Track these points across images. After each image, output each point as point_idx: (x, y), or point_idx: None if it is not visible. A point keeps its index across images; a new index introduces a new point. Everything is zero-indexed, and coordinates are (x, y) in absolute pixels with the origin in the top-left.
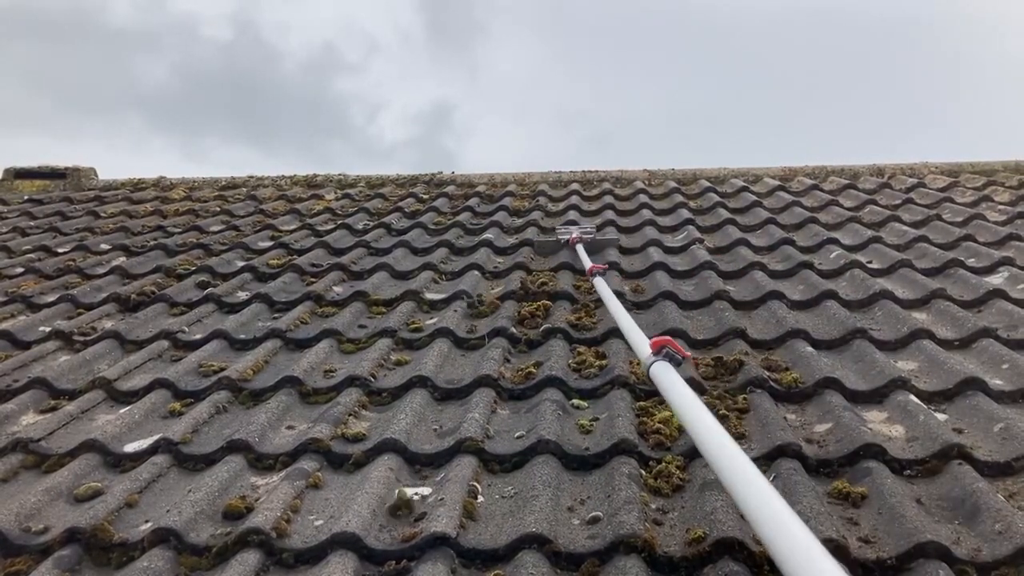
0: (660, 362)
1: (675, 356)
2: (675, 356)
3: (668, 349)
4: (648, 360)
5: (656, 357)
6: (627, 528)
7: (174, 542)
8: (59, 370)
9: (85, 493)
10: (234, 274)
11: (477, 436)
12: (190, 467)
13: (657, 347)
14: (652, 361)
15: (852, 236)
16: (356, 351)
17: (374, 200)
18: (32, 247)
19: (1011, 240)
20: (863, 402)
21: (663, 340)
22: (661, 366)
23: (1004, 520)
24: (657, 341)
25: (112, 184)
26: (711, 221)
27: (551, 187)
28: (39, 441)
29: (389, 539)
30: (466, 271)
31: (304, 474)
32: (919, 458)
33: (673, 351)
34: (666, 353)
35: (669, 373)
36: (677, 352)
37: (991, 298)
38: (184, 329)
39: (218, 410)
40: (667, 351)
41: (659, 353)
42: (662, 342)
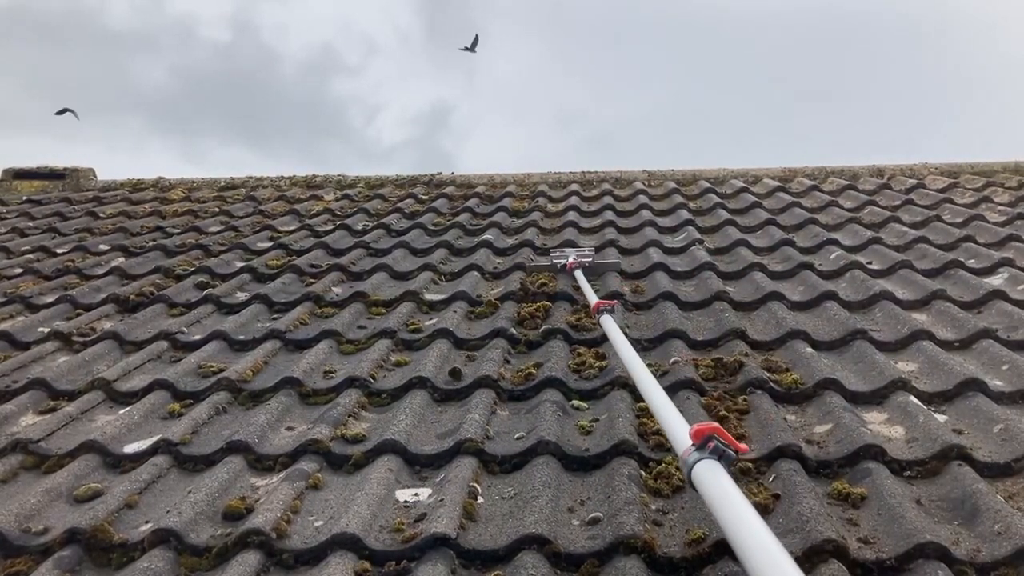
0: (706, 460)
1: (726, 450)
2: (726, 450)
3: (717, 440)
4: (689, 457)
5: (702, 454)
6: (627, 529)
7: (174, 543)
8: (58, 371)
9: (85, 494)
10: (233, 275)
11: (477, 437)
12: (190, 468)
13: (701, 437)
14: (696, 460)
15: (852, 237)
16: (356, 352)
17: (373, 201)
18: (31, 248)
19: (1011, 241)
20: (863, 403)
21: (707, 428)
22: (707, 466)
23: (1003, 521)
24: (701, 429)
25: (111, 185)
26: (711, 222)
27: (550, 188)
28: (39, 442)
29: (389, 540)
30: (466, 272)
31: (304, 475)
32: (919, 459)
33: (723, 443)
34: (715, 448)
35: (718, 477)
36: (728, 444)
37: (991, 299)
38: (183, 330)
39: (218, 411)
40: (716, 443)
41: (704, 447)
42: (708, 430)
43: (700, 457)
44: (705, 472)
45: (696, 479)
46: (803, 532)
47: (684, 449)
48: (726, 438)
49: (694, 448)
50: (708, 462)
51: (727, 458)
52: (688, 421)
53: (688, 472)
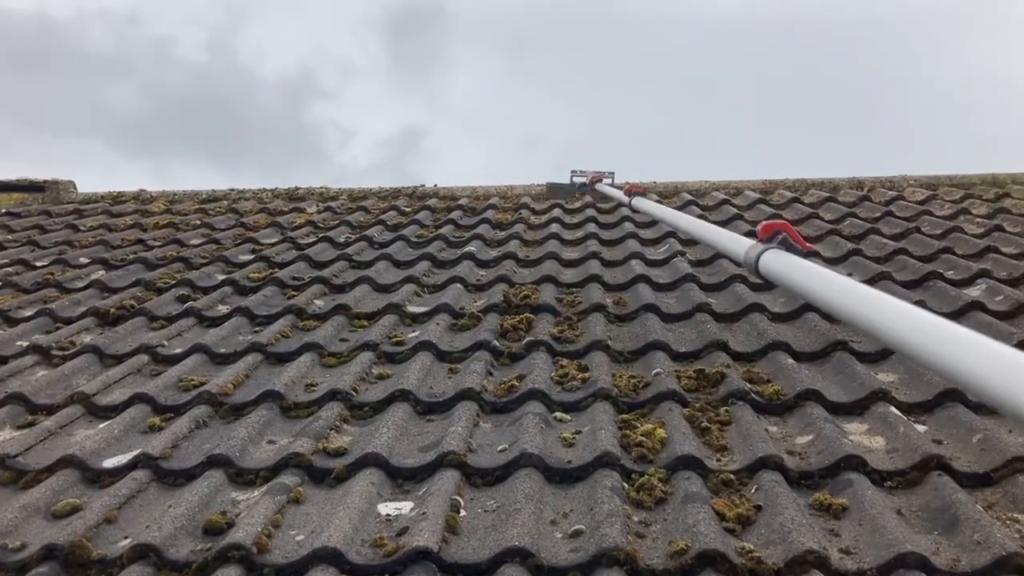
0: (773, 249)
1: (793, 244)
2: (793, 244)
3: (784, 235)
4: (754, 250)
5: (769, 244)
6: (610, 541)
7: (154, 558)
8: (37, 385)
9: (63, 509)
10: (214, 288)
11: (459, 450)
12: (170, 482)
13: (769, 231)
14: (762, 250)
15: (832, 249)
16: (338, 365)
17: (356, 213)
18: (9, 260)
19: (989, 252)
20: (844, 414)
21: (776, 224)
22: (775, 255)
23: (983, 531)
24: (769, 224)
25: (91, 197)
26: None
27: (533, 200)
28: (16, 457)
29: (371, 554)
30: (448, 284)
31: (285, 489)
32: (899, 469)
33: (791, 239)
34: (783, 240)
35: (786, 259)
36: (795, 240)
37: (969, 310)
38: (164, 343)
39: (198, 425)
40: (784, 236)
41: (772, 240)
42: (775, 226)
43: (767, 247)
44: (774, 258)
45: (765, 267)
46: (785, 543)
47: (748, 247)
48: (794, 235)
49: (761, 242)
50: (776, 251)
51: (794, 249)
52: (673, 432)
53: (755, 263)
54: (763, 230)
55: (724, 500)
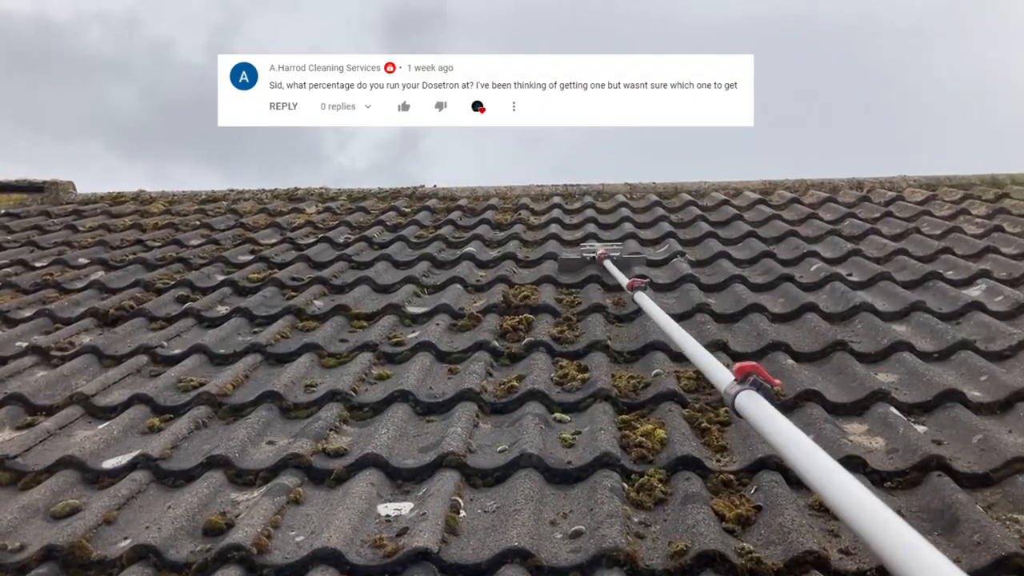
0: (747, 391)
1: (764, 385)
2: (764, 385)
3: (756, 376)
4: (732, 389)
5: (743, 386)
6: (609, 541)
7: (153, 559)
8: (36, 386)
9: (63, 510)
10: (214, 288)
11: (459, 450)
12: (169, 483)
13: (742, 374)
14: (738, 390)
15: (832, 249)
16: (337, 365)
17: (356, 213)
18: (9, 261)
19: (988, 253)
20: (844, 414)
21: (748, 366)
22: (749, 396)
23: (983, 531)
24: (743, 367)
25: (91, 198)
26: (692, 234)
27: (533, 200)
28: (15, 458)
29: (371, 555)
30: (448, 284)
31: (285, 490)
32: (899, 470)
33: (761, 379)
34: (753, 381)
35: (760, 404)
36: (766, 380)
37: (969, 310)
38: (163, 344)
39: (198, 425)
40: (755, 378)
41: (745, 381)
42: (748, 368)
43: (741, 388)
44: (747, 401)
45: (740, 407)
46: (785, 543)
47: (727, 384)
48: (763, 375)
49: (736, 382)
50: (749, 393)
51: (765, 390)
52: (673, 432)
53: (732, 402)
54: (738, 371)
55: (724, 500)
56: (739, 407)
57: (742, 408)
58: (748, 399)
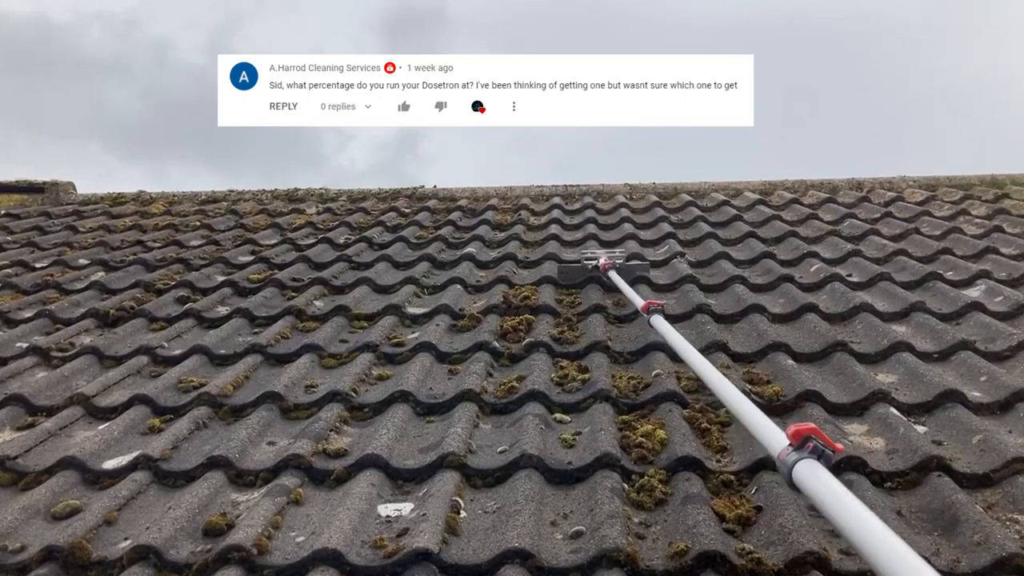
0: (807, 460)
1: (826, 451)
2: (826, 451)
3: (816, 441)
4: (788, 458)
5: (801, 453)
6: (610, 542)
7: (154, 559)
8: (36, 386)
9: (63, 511)
10: (214, 289)
11: (459, 451)
12: (170, 484)
13: (799, 438)
14: (796, 460)
15: (832, 249)
16: (337, 366)
17: (356, 214)
18: (9, 262)
19: (988, 253)
20: (844, 415)
21: (806, 429)
22: (809, 467)
23: (983, 531)
24: (799, 429)
25: (91, 199)
26: (692, 235)
27: (533, 201)
28: (16, 459)
29: (371, 555)
30: (448, 285)
31: (285, 490)
32: (899, 470)
33: (821, 443)
34: (814, 448)
35: (823, 477)
36: (826, 444)
37: (969, 311)
38: (163, 344)
39: (198, 426)
40: (815, 444)
41: (803, 447)
42: (805, 431)
43: (800, 457)
44: (807, 472)
45: (799, 479)
46: (785, 544)
47: (781, 450)
48: (823, 438)
49: (792, 449)
50: (809, 462)
51: (826, 458)
52: (673, 433)
53: (788, 472)
54: (793, 435)
55: (724, 501)
56: (798, 480)
57: (801, 481)
58: (809, 470)
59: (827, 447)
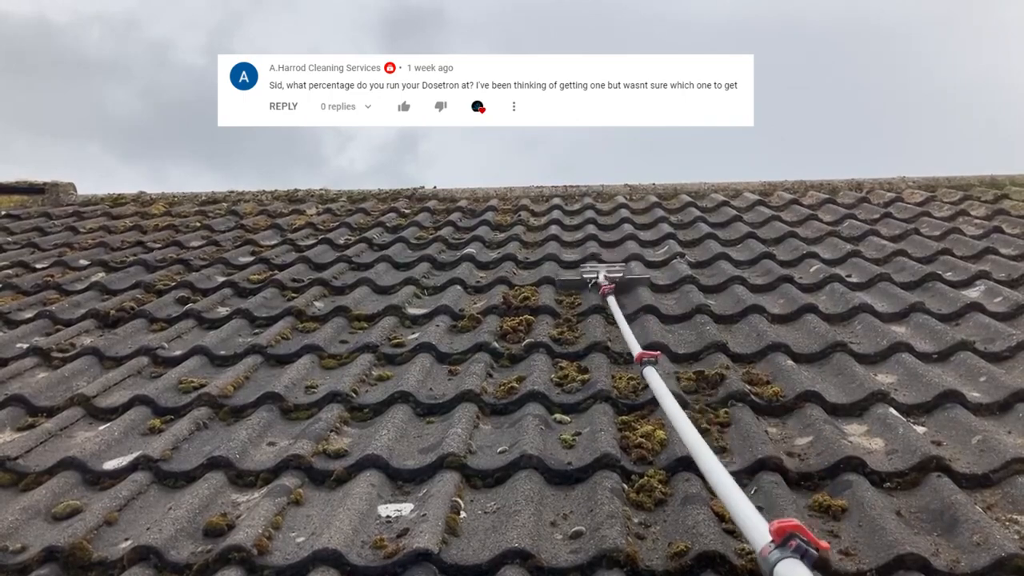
0: (789, 560)
1: (810, 550)
2: (810, 550)
3: (799, 539)
4: (771, 556)
5: (784, 552)
6: (609, 542)
7: (154, 560)
8: (37, 387)
9: (63, 511)
10: (214, 290)
11: (459, 451)
12: (170, 484)
13: (781, 535)
14: (778, 559)
15: (831, 250)
16: (338, 367)
17: (356, 215)
18: (9, 263)
19: (987, 254)
20: (843, 415)
21: (789, 525)
22: (791, 567)
23: (982, 532)
24: (782, 526)
25: (91, 199)
26: (692, 235)
27: (533, 202)
28: (16, 459)
29: (371, 555)
30: (448, 286)
31: (285, 491)
32: (899, 470)
33: (805, 541)
34: (797, 546)
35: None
36: (810, 541)
37: (968, 311)
38: (164, 345)
39: (198, 427)
40: (798, 542)
41: (785, 545)
42: (789, 527)
43: (782, 556)
44: (789, 573)
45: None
46: None
47: (763, 546)
48: (807, 535)
49: (775, 547)
50: (791, 561)
51: (809, 557)
52: (673, 433)
53: (770, 572)
54: (776, 532)
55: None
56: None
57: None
58: (790, 570)
59: (811, 544)
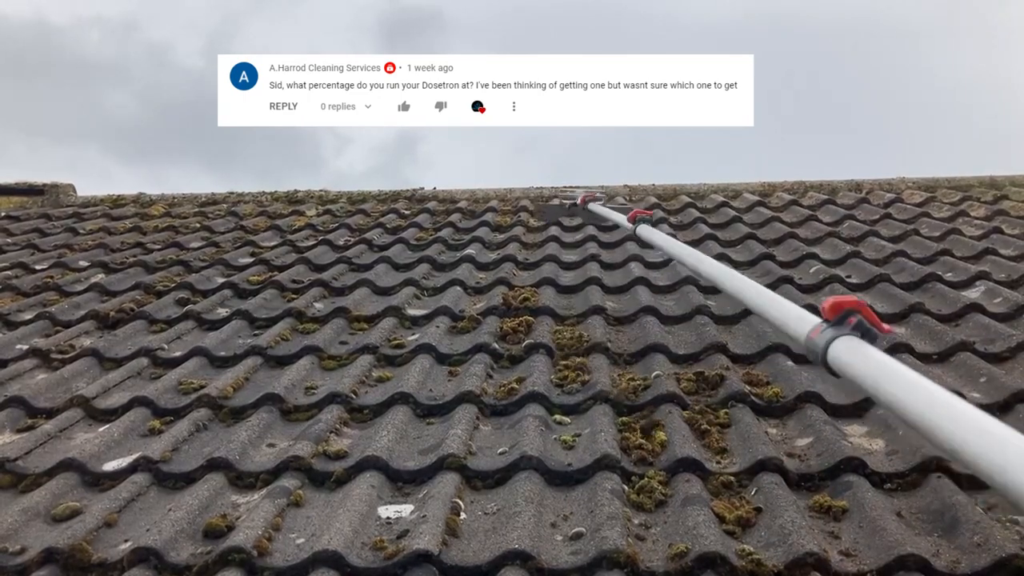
0: (847, 337)
1: (871, 330)
2: (871, 330)
3: (859, 316)
4: (822, 336)
5: (840, 330)
6: (610, 543)
7: (154, 561)
8: (36, 388)
9: (63, 513)
10: (214, 291)
11: (459, 453)
12: (170, 485)
13: (838, 312)
14: (833, 336)
15: (831, 251)
16: (337, 368)
17: (355, 216)
18: (9, 264)
19: (987, 254)
20: (844, 416)
21: (847, 301)
22: (849, 344)
23: (983, 532)
24: (839, 302)
25: (91, 200)
26: (692, 236)
27: (532, 202)
28: (16, 460)
29: (371, 557)
30: (448, 287)
31: (285, 492)
32: (899, 471)
33: (867, 321)
34: (857, 323)
35: (867, 351)
36: (872, 323)
37: (968, 312)
38: (163, 346)
39: (198, 428)
40: (859, 319)
41: (842, 323)
42: (847, 303)
43: (838, 334)
44: (848, 350)
45: (836, 359)
46: (785, 545)
47: (812, 328)
48: (869, 316)
49: (828, 325)
50: (850, 339)
51: (871, 336)
52: (673, 434)
53: (822, 353)
54: (831, 309)
55: (724, 502)
56: (835, 360)
57: (838, 361)
58: (850, 348)
59: (873, 325)
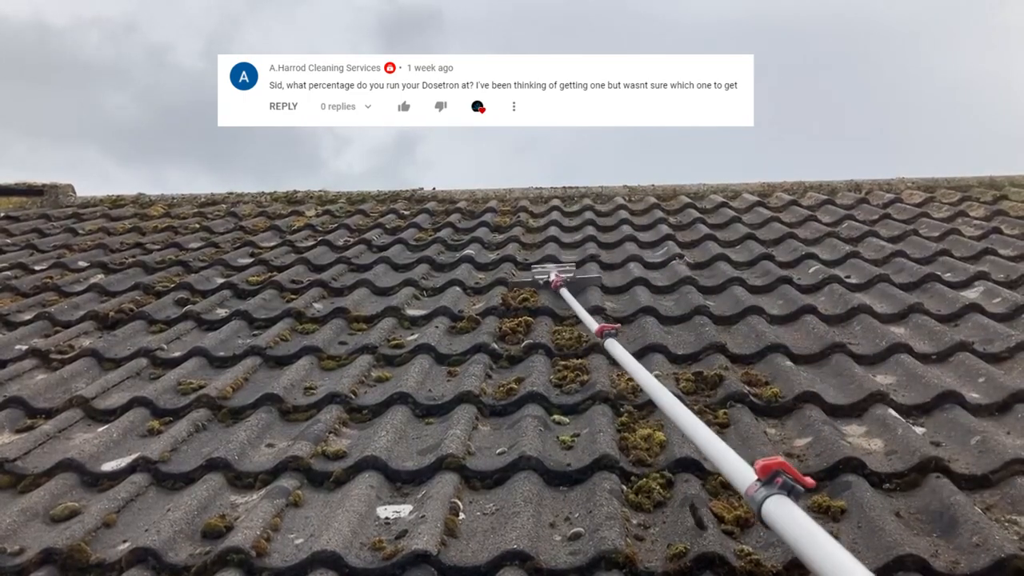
0: (776, 496)
1: (795, 487)
2: (795, 487)
3: (785, 476)
4: (757, 494)
5: (770, 489)
6: (608, 544)
7: (152, 562)
8: (36, 389)
9: (62, 513)
10: (213, 291)
11: (458, 453)
12: (169, 486)
13: (767, 472)
14: (765, 496)
15: (830, 251)
16: (337, 368)
17: (355, 216)
18: (8, 264)
19: (986, 255)
20: (842, 416)
21: (774, 463)
22: (779, 503)
23: (981, 533)
24: (767, 464)
25: (90, 201)
26: (691, 236)
27: (532, 203)
28: (15, 461)
29: (370, 557)
30: (447, 287)
31: (284, 492)
32: (898, 471)
33: (791, 478)
34: (783, 483)
35: (791, 511)
36: (796, 479)
37: (967, 312)
38: (163, 347)
39: (197, 428)
40: (784, 479)
41: (771, 482)
42: (774, 465)
43: (769, 493)
44: (777, 508)
45: (768, 516)
46: (783, 545)
47: (749, 485)
48: (792, 473)
49: (761, 484)
50: (778, 498)
51: (796, 493)
52: (672, 435)
53: (758, 509)
54: (761, 470)
55: (723, 502)
56: (768, 517)
57: (772, 518)
58: (779, 507)
59: (797, 482)
